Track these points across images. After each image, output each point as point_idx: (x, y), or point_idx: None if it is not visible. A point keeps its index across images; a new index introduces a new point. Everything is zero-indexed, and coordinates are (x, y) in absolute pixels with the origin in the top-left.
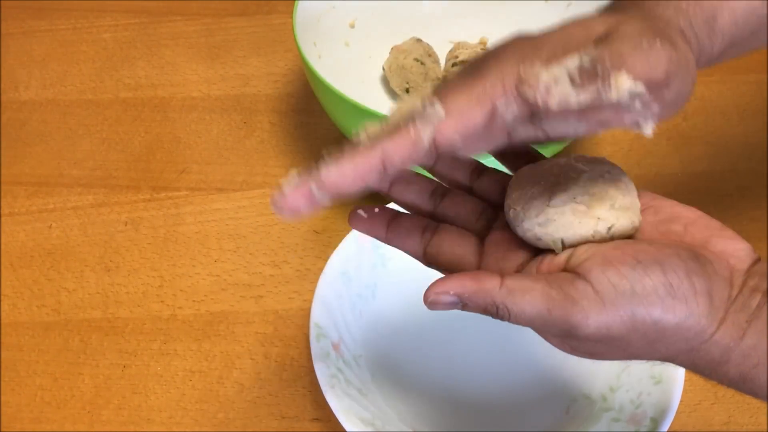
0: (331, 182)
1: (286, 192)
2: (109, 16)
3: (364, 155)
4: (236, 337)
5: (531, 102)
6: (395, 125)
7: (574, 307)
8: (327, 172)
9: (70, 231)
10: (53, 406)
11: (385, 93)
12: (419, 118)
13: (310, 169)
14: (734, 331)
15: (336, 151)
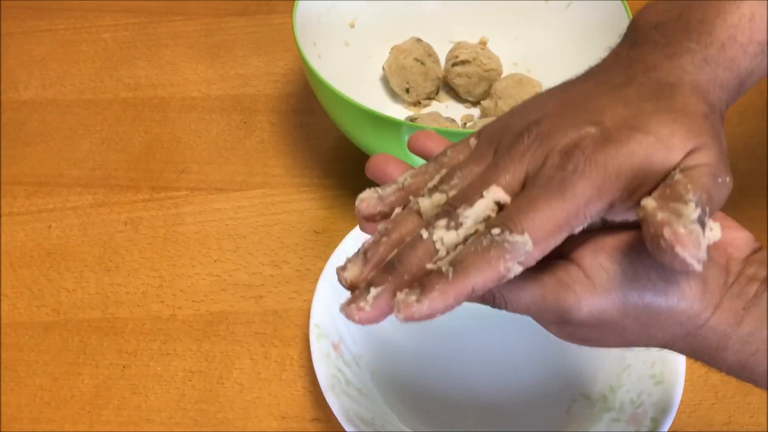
0: (421, 317)
1: (365, 310)
2: (109, 16)
3: (457, 293)
4: (236, 337)
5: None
6: (479, 246)
7: (566, 292)
8: (418, 308)
9: (70, 231)
10: (53, 406)
11: (385, 93)
12: (510, 249)
13: (381, 280)
14: (731, 317)
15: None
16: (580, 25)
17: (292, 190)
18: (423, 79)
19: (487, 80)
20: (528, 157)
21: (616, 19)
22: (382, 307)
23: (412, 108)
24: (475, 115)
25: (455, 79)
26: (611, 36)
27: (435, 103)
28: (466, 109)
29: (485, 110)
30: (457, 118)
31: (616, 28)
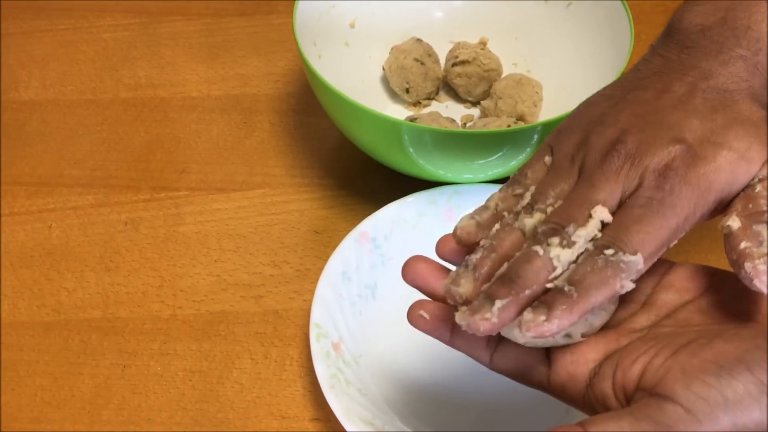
0: (551, 332)
1: (493, 320)
2: (109, 16)
3: (581, 311)
4: (236, 337)
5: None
6: (594, 265)
7: (660, 423)
8: (548, 326)
9: (70, 231)
10: (53, 406)
11: (385, 93)
12: (626, 268)
13: (505, 294)
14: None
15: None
16: (580, 25)
17: (292, 190)
18: (423, 79)
19: (487, 80)
20: (622, 178)
21: (616, 19)
22: (506, 318)
23: (412, 108)
24: (475, 115)
25: (455, 79)
26: (611, 36)
27: (435, 103)
28: (466, 109)
29: (485, 110)
30: (457, 118)
31: (616, 28)
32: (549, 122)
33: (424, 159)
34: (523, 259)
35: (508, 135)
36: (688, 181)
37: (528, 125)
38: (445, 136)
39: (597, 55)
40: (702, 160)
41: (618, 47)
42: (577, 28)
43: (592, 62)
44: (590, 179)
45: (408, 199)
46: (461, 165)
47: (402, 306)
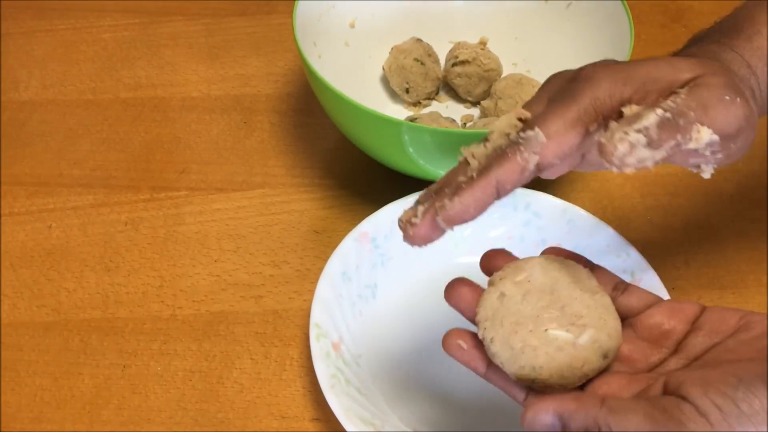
0: (455, 214)
1: (416, 224)
2: (109, 16)
3: (482, 186)
4: (236, 337)
5: (609, 163)
6: (499, 149)
7: (680, 429)
8: (451, 206)
9: (70, 231)
10: (53, 406)
11: (385, 93)
12: (524, 143)
13: (427, 200)
14: None
15: (450, 179)
16: (580, 25)
17: (292, 190)
18: (423, 79)
19: (487, 80)
20: (550, 88)
21: (616, 19)
22: (430, 220)
23: (412, 108)
24: (475, 115)
25: (455, 79)
26: (611, 36)
27: (435, 103)
28: (466, 109)
29: (485, 110)
30: (457, 118)
31: (616, 28)
32: None
33: (424, 159)
34: (450, 171)
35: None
36: (603, 71)
37: None
38: (445, 136)
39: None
40: (625, 64)
41: (618, 47)
42: (577, 28)
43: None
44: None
45: (408, 199)
46: None
47: (402, 306)
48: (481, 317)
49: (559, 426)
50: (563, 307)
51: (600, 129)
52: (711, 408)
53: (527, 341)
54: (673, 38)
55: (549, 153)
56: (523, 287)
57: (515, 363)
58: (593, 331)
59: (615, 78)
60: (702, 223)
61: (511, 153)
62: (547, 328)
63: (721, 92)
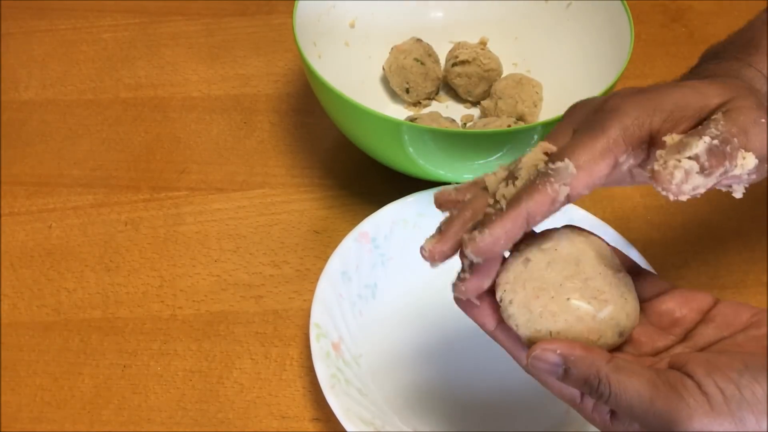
0: (485, 246)
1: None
2: (109, 16)
3: (512, 217)
4: (236, 337)
5: (666, 191)
6: (529, 181)
7: (680, 403)
8: (481, 238)
9: (70, 231)
10: (53, 406)
11: (385, 93)
12: (554, 174)
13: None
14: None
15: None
16: (580, 25)
17: (292, 190)
18: (423, 79)
19: (487, 80)
20: (574, 119)
21: (616, 19)
22: (449, 240)
23: (412, 108)
24: (475, 115)
25: (455, 79)
26: (611, 36)
27: (435, 103)
28: (466, 109)
29: (485, 110)
30: (457, 118)
31: (616, 28)
32: (549, 122)
33: (424, 159)
34: (470, 201)
35: (508, 135)
36: (630, 101)
37: (528, 125)
38: (445, 136)
39: (597, 55)
40: (650, 90)
41: (618, 47)
42: (577, 28)
43: (592, 62)
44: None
45: (408, 199)
46: (461, 165)
47: (402, 306)
48: (502, 279)
49: (561, 369)
50: (587, 280)
51: (629, 159)
52: (714, 389)
53: (548, 307)
54: (673, 38)
55: (579, 184)
56: (549, 255)
57: (532, 326)
58: (613, 308)
59: (643, 107)
60: (702, 222)
61: (541, 184)
62: (570, 297)
63: (755, 115)
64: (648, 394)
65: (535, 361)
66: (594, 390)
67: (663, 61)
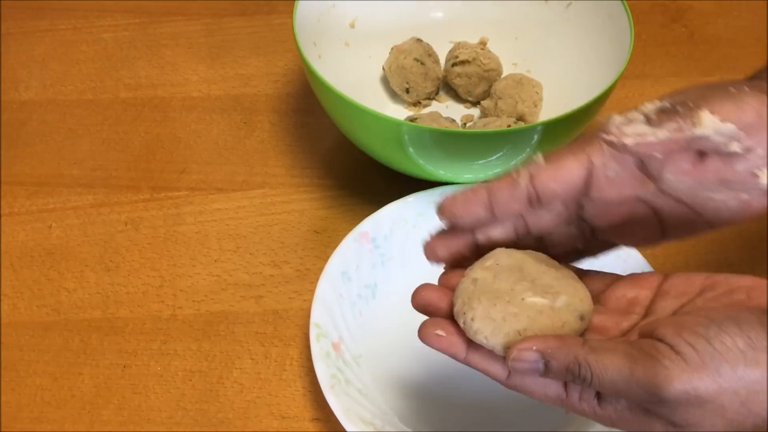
0: (444, 205)
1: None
2: (109, 16)
3: (474, 191)
4: (236, 337)
5: (608, 142)
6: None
7: (656, 367)
8: (445, 200)
9: (70, 231)
10: (53, 406)
11: (385, 93)
12: (524, 165)
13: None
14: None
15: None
16: (580, 25)
17: (292, 190)
18: (423, 79)
19: (487, 80)
20: None
21: (616, 19)
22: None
23: (412, 108)
24: (475, 115)
25: (455, 79)
26: (611, 36)
27: (435, 103)
28: (466, 109)
29: (485, 110)
30: (457, 118)
31: (616, 28)
32: (549, 122)
33: (424, 159)
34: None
35: (508, 135)
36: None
37: (528, 125)
38: (445, 136)
39: (597, 55)
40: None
41: (618, 47)
42: (577, 28)
43: (592, 62)
44: None
45: (408, 199)
46: (461, 165)
47: (402, 306)
48: (457, 304)
49: (541, 364)
50: (534, 281)
51: (610, 161)
52: (686, 347)
53: (507, 310)
54: (673, 38)
55: (546, 176)
56: (492, 270)
57: (499, 333)
58: (566, 297)
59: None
60: None
61: (508, 171)
62: (524, 297)
63: (728, 87)
64: (626, 366)
65: (516, 363)
66: (576, 375)
67: (663, 61)
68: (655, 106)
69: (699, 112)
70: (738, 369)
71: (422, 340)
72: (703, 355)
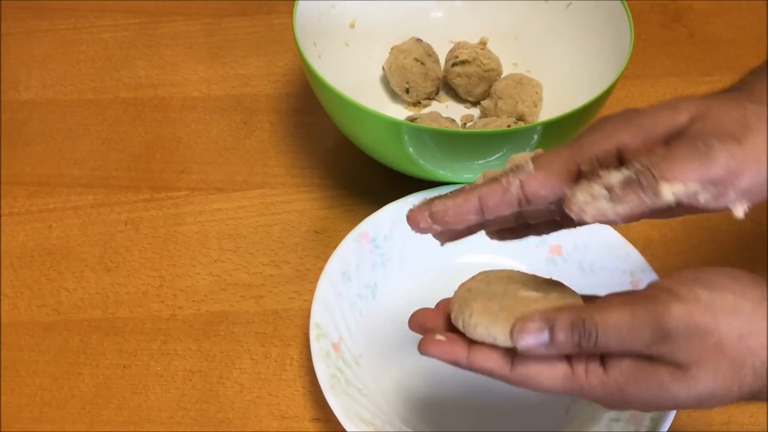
0: (437, 214)
1: (413, 212)
2: (109, 16)
3: (465, 196)
4: (236, 337)
5: (569, 210)
6: (494, 177)
7: (654, 303)
8: (435, 205)
9: (70, 231)
10: (53, 406)
11: (385, 93)
12: (514, 170)
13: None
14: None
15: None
16: (580, 25)
17: (292, 190)
18: (423, 79)
19: (487, 80)
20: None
21: (616, 19)
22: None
23: (412, 108)
24: (475, 115)
25: (455, 79)
26: (611, 36)
27: (435, 103)
28: (466, 109)
29: (485, 110)
30: (457, 118)
31: (616, 28)
32: (549, 122)
33: (424, 159)
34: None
35: (508, 135)
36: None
37: (528, 125)
38: (445, 136)
39: (597, 55)
40: (639, 109)
41: (618, 47)
42: (577, 28)
43: (592, 62)
44: None
45: (408, 199)
46: (461, 165)
47: (402, 306)
48: (455, 308)
49: (546, 333)
50: (525, 283)
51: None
52: (679, 287)
53: (504, 303)
54: (673, 38)
55: (534, 182)
56: (484, 280)
57: (498, 320)
58: (557, 292)
59: (615, 123)
60: (702, 223)
61: (500, 177)
62: (518, 293)
63: (697, 143)
64: (627, 310)
65: (520, 336)
66: (582, 332)
67: (663, 61)
68: (620, 177)
69: (660, 185)
70: (728, 299)
71: (423, 352)
72: (696, 292)
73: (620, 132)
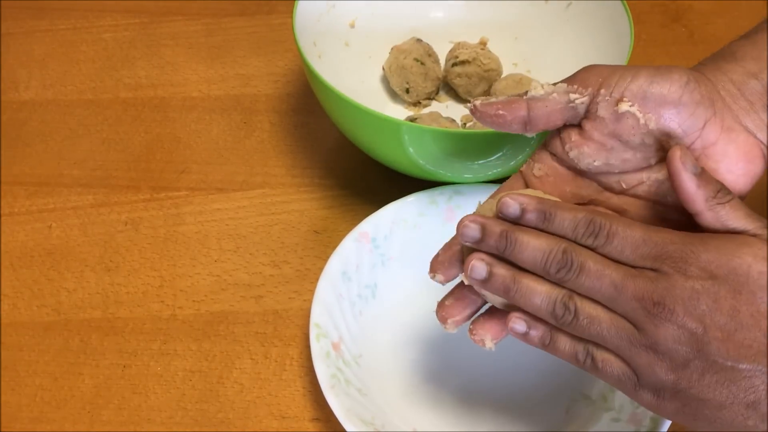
0: (483, 110)
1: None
2: (109, 16)
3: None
4: (236, 337)
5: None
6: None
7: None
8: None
9: (70, 231)
10: (53, 406)
11: (385, 93)
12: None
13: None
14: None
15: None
16: (580, 25)
17: (292, 190)
18: (423, 79)
19: (487, 80)
20: None
21: (616, 19)
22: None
23: (412, 108)
24: None
25: (455, 79)
26: (611, 36)
27: (435, 103)
28: (466, 109)
29: None
30: (457, 118)
31: (616, 28)
32: None
33: (424, 159)
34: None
35: (508, 135)
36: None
37: None
38: (445, 136)
39: (597, 55)
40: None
41: (618, 47)
42: (577, 28)
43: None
44: None
45: (408, 199)
46: (461, 165)
47: (402, 306)
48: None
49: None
50: None
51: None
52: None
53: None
54: (673, 38)
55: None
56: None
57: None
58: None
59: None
60: None
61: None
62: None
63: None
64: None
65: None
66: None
67: (663, 61)
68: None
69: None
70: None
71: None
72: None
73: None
